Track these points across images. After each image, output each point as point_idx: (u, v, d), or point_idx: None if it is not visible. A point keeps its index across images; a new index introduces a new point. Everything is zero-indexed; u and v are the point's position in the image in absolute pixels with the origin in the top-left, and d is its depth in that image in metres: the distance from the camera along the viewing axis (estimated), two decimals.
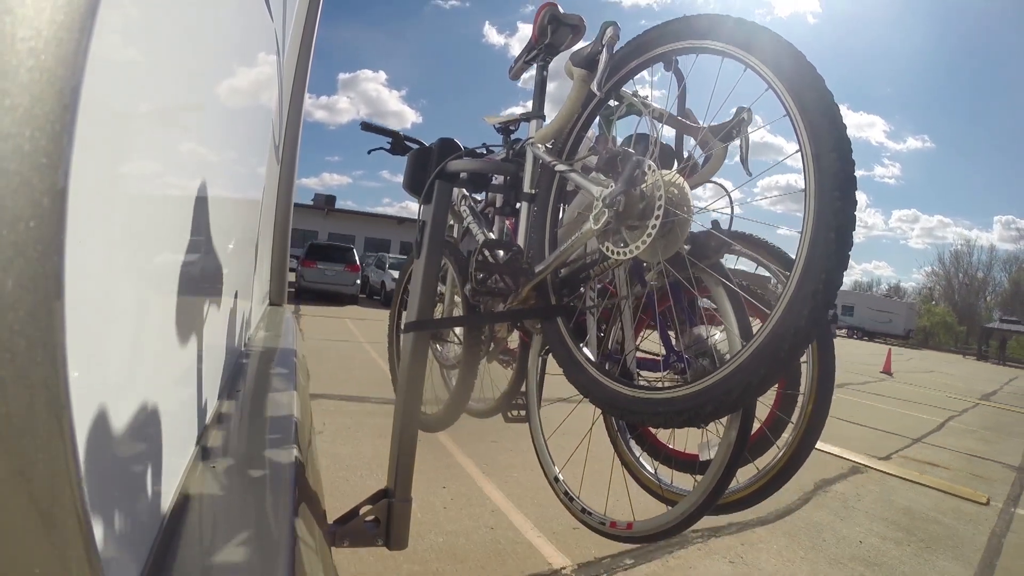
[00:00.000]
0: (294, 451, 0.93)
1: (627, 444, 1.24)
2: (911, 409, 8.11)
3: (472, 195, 1.65)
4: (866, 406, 7.64)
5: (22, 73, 0.25)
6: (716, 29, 0.82)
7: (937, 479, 4.34)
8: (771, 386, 0.73)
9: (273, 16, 1.48)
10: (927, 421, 7.21)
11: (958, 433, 6.72)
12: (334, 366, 5.85)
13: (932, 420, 7.35)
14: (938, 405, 8.96)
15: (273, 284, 2.96)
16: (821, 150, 0.68)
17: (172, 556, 0.59)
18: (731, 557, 2.67)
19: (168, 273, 0.66)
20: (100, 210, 0.40)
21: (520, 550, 2.51)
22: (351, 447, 3.45)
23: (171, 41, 0.56)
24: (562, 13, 1.23)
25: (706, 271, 0.89)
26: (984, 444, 6.21)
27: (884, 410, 7.61)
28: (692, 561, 2.59)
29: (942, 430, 6.77)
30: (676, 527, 0.95)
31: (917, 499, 3.81)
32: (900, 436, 5.90)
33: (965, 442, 6.18)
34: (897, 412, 7.64)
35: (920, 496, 3.88)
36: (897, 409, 7.91)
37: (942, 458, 5.20)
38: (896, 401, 8.69)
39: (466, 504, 2.92)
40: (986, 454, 5.67)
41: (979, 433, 6.93)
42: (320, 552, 0.82)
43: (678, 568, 2.53)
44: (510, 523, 2.75)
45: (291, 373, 1.56)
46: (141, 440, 0.54)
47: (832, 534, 3.04)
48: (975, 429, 7.20)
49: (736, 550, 2.74)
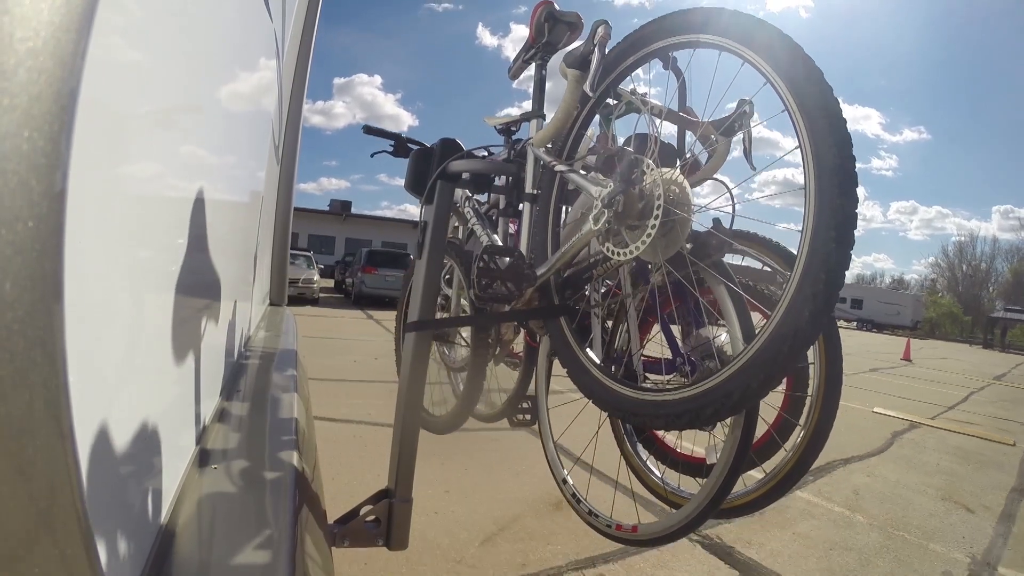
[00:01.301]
0: (294, 452, 0.93)
1: (634, 447, 1.24)
2: (938, 387, 10.04)
3: (475, 196, 1.65)
4: (902, 384, 9.63)
5: (21, 73, 0.25)
6: (712, 23, 0.81)
7: (975, 431, 6.19)
8: (772, 388, 0.72)
9: (273, 17, 1.48)
10: (954, 395, 9.21)
11: (981, 403, 8.71)
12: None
13: (958, 394, 9.35)
14: (959, 384, 11.03)
15: (273, 284, 2.96)
16: (821, 147, 0.67)
17: (172, 557, 0.58)
18: (865, 474, 4.16)
19: (168, 273, 0.66)
20: (99, 210, 0.40)
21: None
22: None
23: (170, 41, 0.56)
24: (558, 11, 1.22)
25: (708, 271, 0.88)
26: (1004, 411, 8.14)
27: (917, 387, 9.53)
28: (838, 480, 3.96)
29: (968, 401, 8.81)
30: (680, 530, 0.94)
31: (964, 443, 5.56)
32: (937, 405, 7.82)
33: (988, 409, 8.14)
34: (928, 389, 9.52)
35: (965, 441, 5.62)
36: (927, 387, 9.78)
37: (974, 419, 7.09)
38: (923, 381, 10.61)
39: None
40: (1007, 417, 7.61)
41: (998, 403, 8.93)
42: (320, 552, 0.82)
43: (830, 484, 3.85)
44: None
45: (291, 373, 1.56)
46: (141, 440, 0.54)
47: (918, 460, 4.72)
48: (994, 400, 9.27)
49: (866, 472, 4.23)
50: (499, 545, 2.56)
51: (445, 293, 1.69)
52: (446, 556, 2.41)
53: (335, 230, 32.68)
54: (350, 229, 32.78)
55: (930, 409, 7.33)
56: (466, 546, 2.51)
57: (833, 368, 1.02)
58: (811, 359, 1.04)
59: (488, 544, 2.56)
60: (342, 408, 4.42)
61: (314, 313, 11.60)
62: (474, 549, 2.49)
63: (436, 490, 3.04)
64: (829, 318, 0.74)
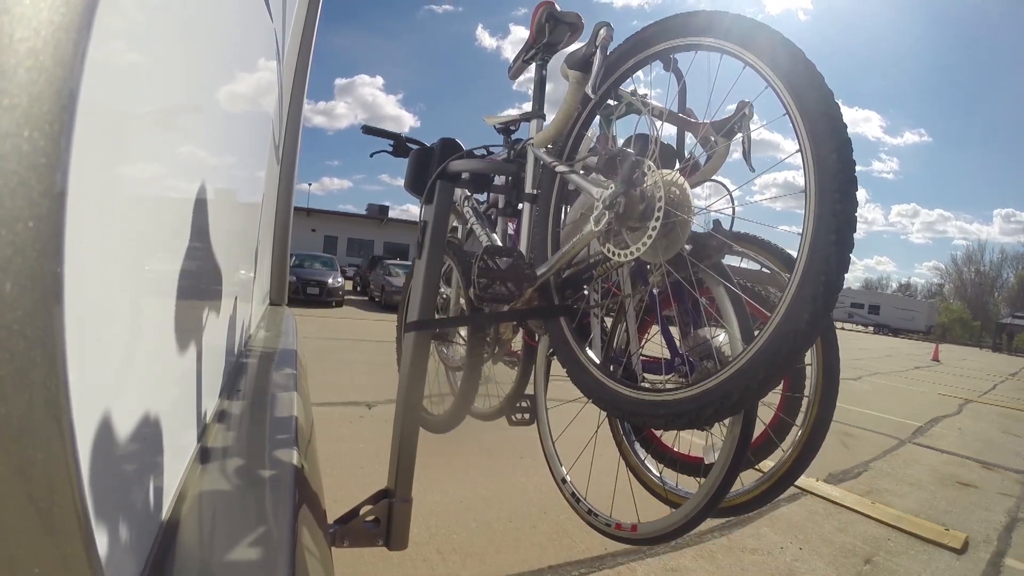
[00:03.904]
0: (294, 451, 0.93)
1: (632, 447, 1.24)
2: (969, 380, 13.54)
3: (475, 196, 1.64)
4: (943, 378, 12.98)
5: (20, 73, 0.25)
6: (714, 26, 0.81)
7: (1011, 407, 9.57)
8: (771, 389, 0.73)
9: (273, 17, 1.48)
10: (984, 385, 12.77)
11: (1008, 390, 12.44)
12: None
13: (986, 385, 12.96)
14: (984, 378, 14.55)
15: (273, 284, 2.96)
16: (821, 150, 0.67)
17: (172, 556, 0.58)
18: (957, 425, 6.98)
19: (168, 273, 0.66)
20: (99, 210, 0.40)
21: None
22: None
23: (170, 40, 0.56)
24: (559, 11, 1.22)
25: (708, 272, 0.88)
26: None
27: (954, 381, 12.82)
28: (947, 425, 6.90)
29: (995, 389, 12.24)
30: (680, 529, 0.95)
31: (1006, 413, 8.83)
32: (975, 390, 11.34)
33: (1012, 394, 11.60)
34: (962, 381, 12.91)
35: (1005, 413, 8.76)
36: (962, 380, 13.23)
37: (1006, 400, 10.44)
38: (957, 376, 14.07)
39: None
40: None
41: (1019, 391, 12.42)
42: (320, 552, 0.82)
43: (944, 426, 6.81)
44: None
45: (291, 373, 1.56)
46: (141, 440, 0.54)
47: (973, 431, 6.83)
48: (1015, 389, 12.83)
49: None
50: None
51: (444, 293, 1.69)
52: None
53: (373, 234, 33.50)
54: (389, 233, 33.52)
55: (971, 393, 10.75)
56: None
57: (830, 369, 1.03)
58: (808, 360, 1.04)
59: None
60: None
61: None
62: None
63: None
64: (828, 320, 0.74)
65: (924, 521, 3.36)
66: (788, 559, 2.66)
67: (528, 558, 2.56)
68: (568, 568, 2.51)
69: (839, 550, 2.83)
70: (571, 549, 2.64)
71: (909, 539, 3.06)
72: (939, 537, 3.10)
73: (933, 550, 2.94)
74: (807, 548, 2.80)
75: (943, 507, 3.71)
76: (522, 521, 2.91)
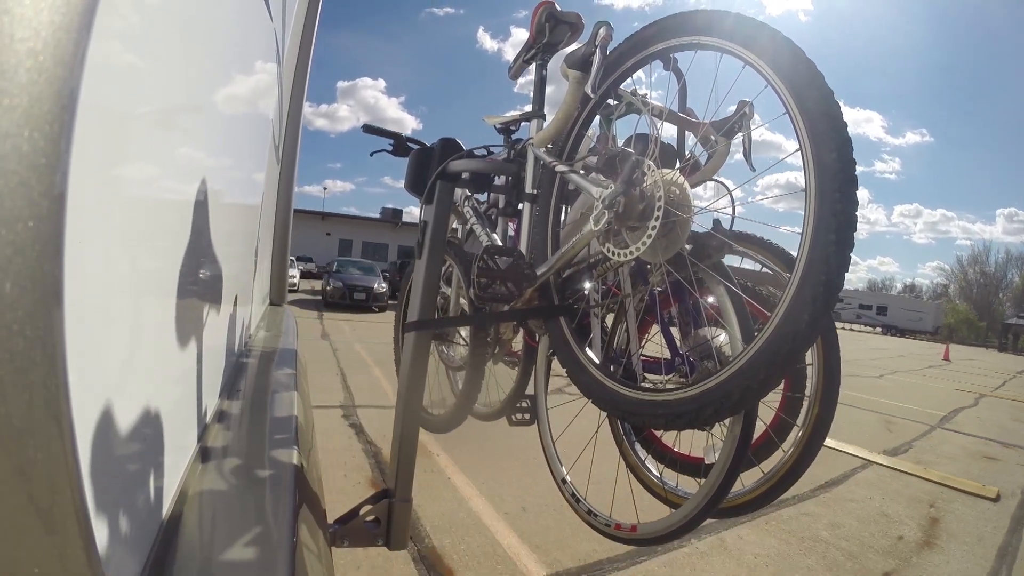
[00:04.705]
0: (294, 451, 0.93)
1: (632, 447, 1.24)
2: (980, 377, 14.69)
3: (475, 196, 1.64)
4: (956, 376, 14.13)
5: (21, 74, 0.25)
6: (714, 25, 0.81)
7: (1021, 400, 10.67)
8: (771, 389, 0.73)
9: (273, 17, 1.48)
10: (995, 382, 13.97)
11: (1017, 386, 13.61)
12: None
13: (997, 381, 14.18)
14: (993, 376, 15.83)
15: (273, 284, 2.96)
16: (821, 150, 0.67)
17: (172, 556, 0.59)
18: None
19: (168, 273, 0.66)
20: (99, 210, 0.40)
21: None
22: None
23: (170, 41, 0.56)
24: (559, 11, 1.22)
25: (708, 272, 0.88)
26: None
27: (966, 378, 13.82)
28: (967, 415, 8.01)
29: (1005, 385, 13.50)
30: (680, 530, 0.94)
31: (1017, 406, 9.76)
32: (988, 386, 12.49)
33: (1021, 390, 12.66)
34: (974, 379, 13.98)
35: (1016, 406, 9.69)
36: (972, 378, 14.05)
37: (1016, 395, 11.54)
38: (968, 374, 15.24)
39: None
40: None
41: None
42: (320, 552, 0.82)
43: (966, 416, 7.88)
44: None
45: (292, 373, 1.56)
46: (141, 440, 0.54)
47: (990, 420, 7.81)
48: (1022, 385, 14.05)
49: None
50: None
51: (444, 292, 1.69)
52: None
53: (388, 237, 34.22)
54: (402, 236, 34.17)
55: (985, 389, 11.96)
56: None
57: (831, 369, 1.02)
58: (809, 360, 1.04)
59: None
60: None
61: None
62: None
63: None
64: (828, 320, 0.74)
65: (966, 479, 4.60)
66: (878, 504, 3.88)
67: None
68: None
69: (909, 499, 4.06)
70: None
71: (956, 493, 4.29)
72: (979, 491, 4.34)
73: (976, 500, 4.18)
74: (887, 498, 4.01)
75: (976, 473, 4.90)
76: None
